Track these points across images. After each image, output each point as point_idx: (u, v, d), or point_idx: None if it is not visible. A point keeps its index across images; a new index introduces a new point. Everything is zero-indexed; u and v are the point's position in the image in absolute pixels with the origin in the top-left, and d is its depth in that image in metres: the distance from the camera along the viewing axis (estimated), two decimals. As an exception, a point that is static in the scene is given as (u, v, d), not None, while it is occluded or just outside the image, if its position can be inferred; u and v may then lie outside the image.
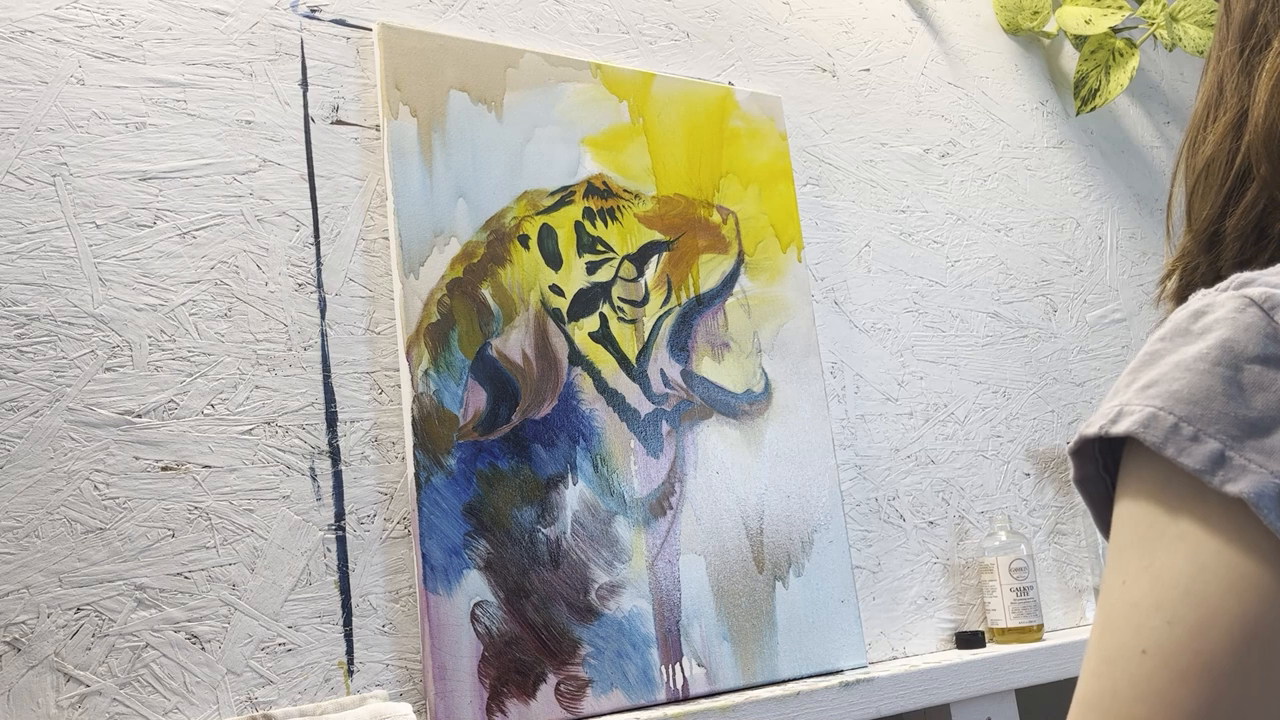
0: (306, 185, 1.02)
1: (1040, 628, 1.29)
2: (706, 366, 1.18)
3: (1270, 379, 0.40)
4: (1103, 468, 0.45)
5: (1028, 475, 1.47)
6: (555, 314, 1.10)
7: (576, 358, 1.10)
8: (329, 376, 0.99)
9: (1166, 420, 0.41)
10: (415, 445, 0.98)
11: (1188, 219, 0.58)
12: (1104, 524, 0.46)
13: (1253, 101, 0.54)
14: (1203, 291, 0.45)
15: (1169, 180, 0.59)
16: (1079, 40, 1.63)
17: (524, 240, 1.10)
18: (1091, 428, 0.43)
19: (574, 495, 1.06)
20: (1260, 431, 0.39)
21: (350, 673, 0.94)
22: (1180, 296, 0.58)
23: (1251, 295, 0.42)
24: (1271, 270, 0.44)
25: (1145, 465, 0.41)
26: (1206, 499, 0.39)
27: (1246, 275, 0.43)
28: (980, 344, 1.48)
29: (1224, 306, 0.42)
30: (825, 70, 1.44)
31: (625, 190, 1.18)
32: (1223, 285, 0.44)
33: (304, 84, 1.04)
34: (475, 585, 0.98)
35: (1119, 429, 0.42)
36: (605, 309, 1.13)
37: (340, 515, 0.97)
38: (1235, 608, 0.38)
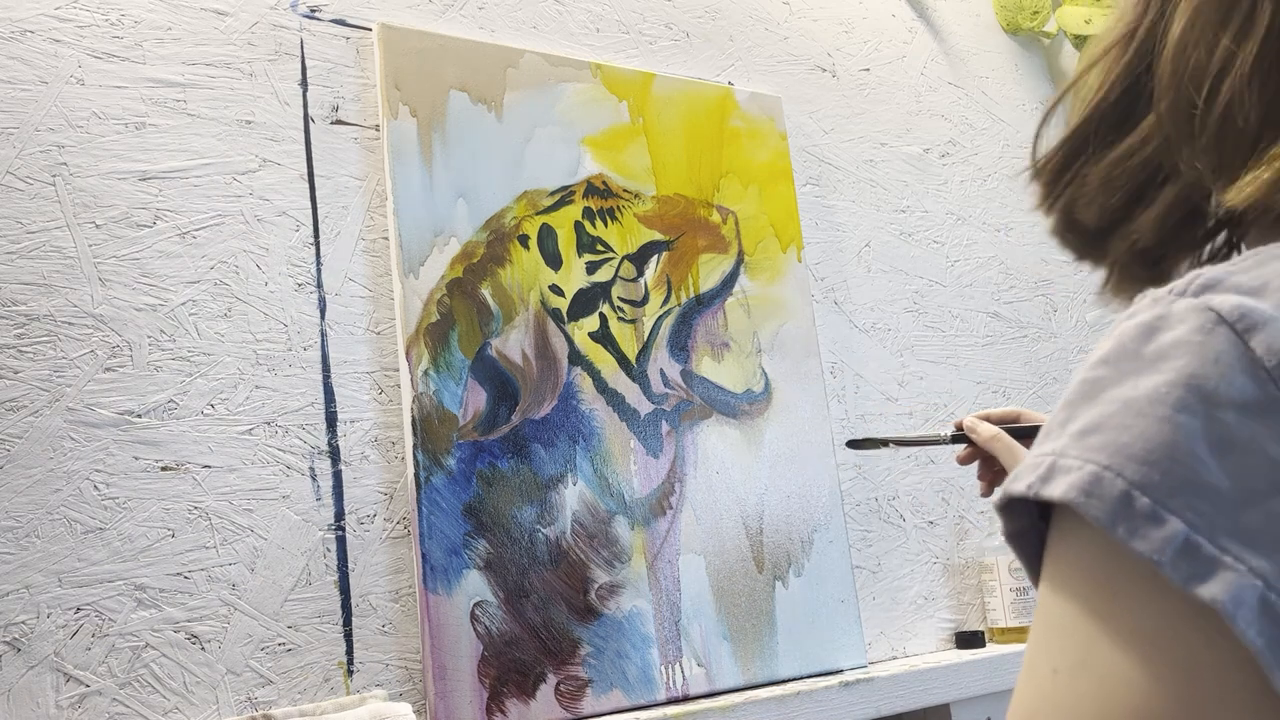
0: (306, 185, 1.02)
1: (1040, 628, 1.29)
2: (706, 366, 1.18)
3: (1249, 435, 0.30)
4: (1039, 516, 0.35)
5: (1028, 475, 1.47)
6: (555, 314, 1.10)
7: (576, 358, 1.10)
8: (329, 376, 0.99)
9: (1114, 486, 0.31)
10: (415, 445, 0.98)
11: (1078, 128, 0.46)
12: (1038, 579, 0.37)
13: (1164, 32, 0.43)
14: (1151, 293, 0.35)
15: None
16: (1079, 40, 1.63)
17: (524, 240, 1.10)
18: (1018, 484, 0.34)
19: (574, 495, 1.06)
20: (1237, 509, 0.30)
21: (350, 673, 0.94)
22: (1068, 224, 0.46)
23: (1220, 309, 0.32)
24: (1238, 264, 0.34)
25: (1083, 533, 0.32)
26: (1166, 595, 0.30)
27: (1209, 274, 0.34)
28: (980, 344, 1.48)
29: (1184, 323, 0.32)
30: (825, 70, 1.44)
31: (625, 190, 1.18)
32: (1179, 286, 0.34)
33: (304, 84, 1.04)
34: (475, 585, 0.98)
35: (1053, 492, 0.32)
36: (605, 309, 1.13)
37: (340, 515, 0.97)
38: None
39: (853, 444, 1.01)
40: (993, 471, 0.90)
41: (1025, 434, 0.86)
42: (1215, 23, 0.40)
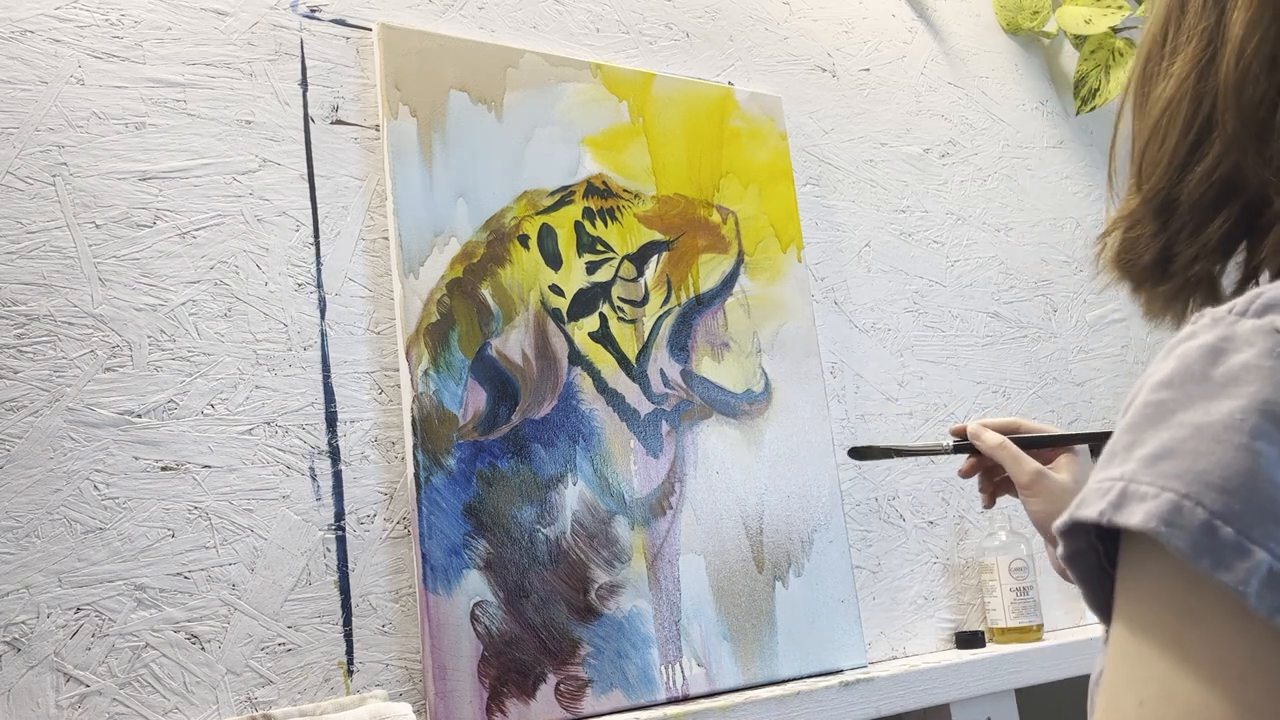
0: (306, 185, 1.02)
1: (1040, 628, 1.29)
2: (706, 366, 1.18)
3: None
4: (1096, 537, 0.35)
5: (1028, 475, 1.47)
6: (555, 314, 1.10)
7: (576, 358, 1.10)
8: (329, 376, 0.99)
9: (1195, 515, 0.30)
10: (415, 445, 0.98)
11: (1136, 173, 0.46)
12: (1100, 606, 0.36)
13: (1224, 37, 0.42)
14: (1210, 314, 0.34)
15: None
16: (1079, 40, 1.63)
17: (524, 240, 1.10)
18: (1088, 510, 0.33)
19: (574, 495, 1.06)
20: None
21: (350, 673, 0.94)
22: (1123, 264, 0.46)
23: None
24: None
25: (1163, 563, 0.32)
26: (1249, 625, 0.30)
27: (1270, 294, 0.33)
28: (980, 344, 1.48)
29: (1253, 346, 0.32)
30: (825, 70, 1.44)
31: (625, 190, 1.18)
32: (1239, 306, 0.34)
33: (304, 84, 1.04)
34: (475, 585, 0.98)
35: (1130, 521, 0.31)
36: (605, 309, 1.13)
37: (340, 515, 0.97)
38: None
39: (855, 453, 0.99)
40: (994, 482, 0.88)
41: (1028, 444, 0.84)
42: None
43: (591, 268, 1.13)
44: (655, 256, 1.18)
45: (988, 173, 1.56)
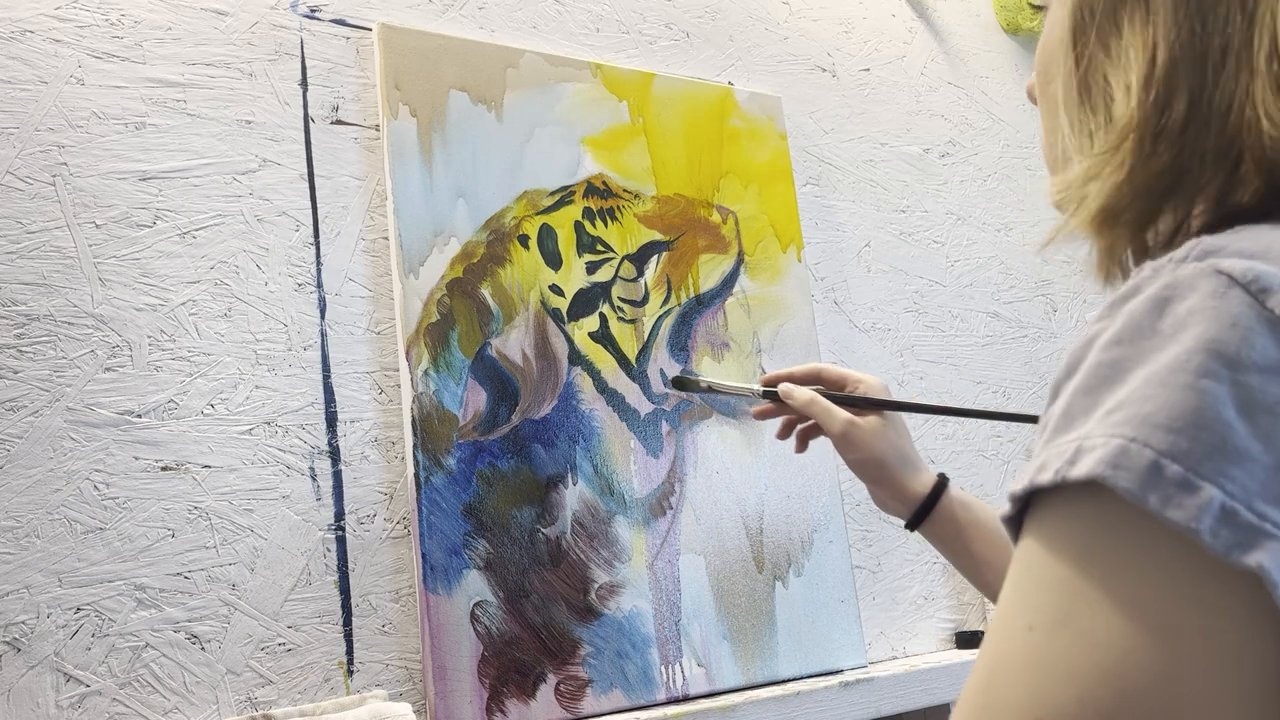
0: (306, 185, 1.02)
1: (1040, 628, 1.29)
2: (706, 366, 1.18)
3: (1276, 397, 0.30)
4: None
5: (1028, 475, 1.47)
6: (555, 314, 1.10)
7: (576, 358, 1.10)
8: (329, 376, 0.99)
9: (1142, 456, 0.30)
10: (415, 445, 0.98)
11: (1145, 80, 0.41)
12: None
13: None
14: (1150, 265, 0.34)
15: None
16: (1079, 40, 1.63)
17: (524, 240, 1.10)
18: (1046, 474, 0.33)
19: (574, 495, 1.06)
20: (1272, 473, 0.29)
21: (350, 673, 0.94)
22: (1109, 214, 0.42)
23: (1231, 271, 0.31)
24: (1232, 234, 0.34)
25: (1100, 504, 0.31)
26: (1185, 563, 0.30)
27: (1208, 241, 0.33)
28: (980, 344, 1.48)
29: (1196, 290, 0.32)
30: (825, 70, 1.44)
31: (625, 190, 1.18)
32: (1179, 254, 0.33)
33: (304, 84, 1.04)
34: (475, 585, 0.98)
35: (1079, 472, 0.31)
36: (605, 309, 1.13)
37: (340, 515, 0.97)
38: (1172, 709, 0.29)
39: (676, 383, 1.05)
40: (804, 429, 0.94)
41: (838, 401, 0.88)
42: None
43: (591, 268, 1.13)
44: (655, 256, 1.18)
45: (988, 173, 1.56)
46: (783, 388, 0.90)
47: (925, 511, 0.84)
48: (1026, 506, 0.35)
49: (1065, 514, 0.33)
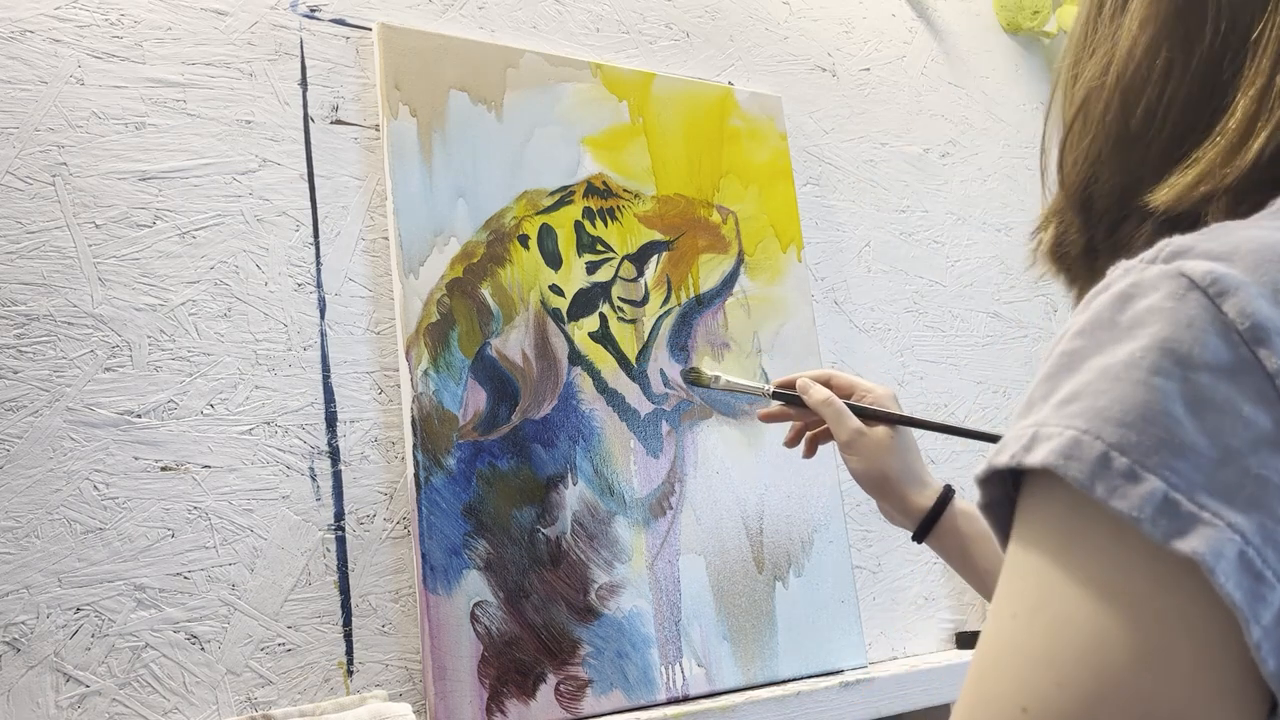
0: (306, 185, 1.02)
1: (1040, 628, 1.29)
2: (706, 366, 1.18)
3: (1224, 395, 0.31)
4: (1012, 486, 0.36)
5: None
6: (555, 314, 1.10)
7: (576, 358, 1.10)
8: (329, 376, 0.99)
9: (1093, 448, 0.32)
10: (415, 445, 0.98)
11: (1059, 168, 0.47)
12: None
13: (1118, 40, 0.44)
14: (1123, 264, 0.35)
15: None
16: (1079, 40, 1.63)
17: (524, 240, 1.10)
18: (1003, 456, 0.34)
19: (574, 495, 1.06)
20: (1214, 467, 0.31)
21: (350, 673, 0.94)
22: (1056, 258, 0.47)
23: (1191, 274, 0.33)
24: (1205, 233, 0.35)
25: (1059, 494, 0.33)
26: (1139, 551, 0.31)
27: (1179, 241, 0.34)
28: (980, 344, 1.48)
29: (1158, 290, 0.33)
30: (825, 70, 1.44)
31: (625, 190, 1.18)
32: (1150, 254, 0.35)
33: (304, 84, 1.04)
34: (475, 585, 0.98)
35: (1034, 459, 0.33)
36: (605, 309, 1.13)
37: (340, 515, 0.97)
38: (1148, 687, 0.30)
39: (687, 374, 1.02)
40: (814, 434, 0.94)
41: (853, 410, 0.88)
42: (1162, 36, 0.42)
43: (591, 268, 1.13)
44: (655, 256, 1.18)
45: (988, 173, 1.56)
46: (801, 382, 0.90)
47: (929, 525, 0.84)
48: (1006, 496, 0.36)
49: (1036, 502, 0.35)
